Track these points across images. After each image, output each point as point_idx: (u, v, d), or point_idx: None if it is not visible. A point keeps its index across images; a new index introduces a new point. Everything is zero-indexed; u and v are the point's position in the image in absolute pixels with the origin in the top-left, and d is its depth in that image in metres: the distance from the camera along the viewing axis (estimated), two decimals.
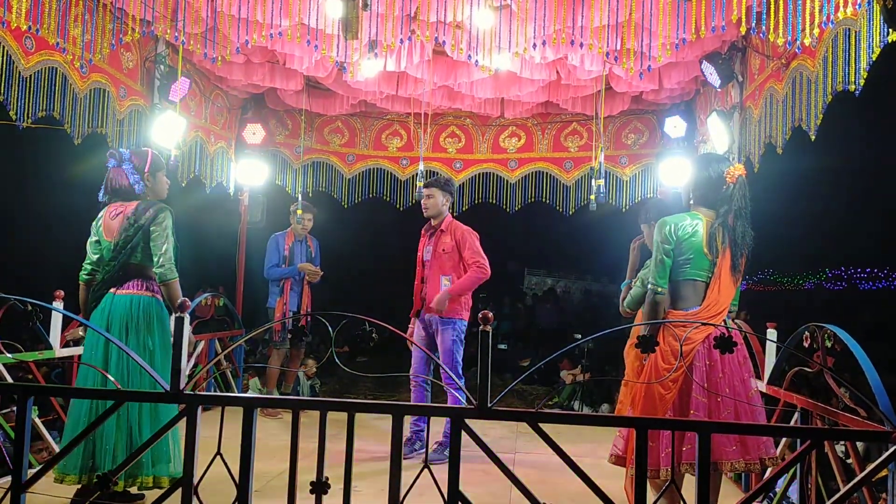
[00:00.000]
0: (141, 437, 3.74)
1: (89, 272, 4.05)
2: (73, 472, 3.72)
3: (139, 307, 3.89)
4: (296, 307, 6.82)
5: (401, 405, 2.42)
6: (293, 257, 6.88)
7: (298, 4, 5.01)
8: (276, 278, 6.83)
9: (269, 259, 6.87)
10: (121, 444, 3.73)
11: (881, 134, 31.06)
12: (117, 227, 3.95)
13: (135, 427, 3.76)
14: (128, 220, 3.92)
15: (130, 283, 3.93)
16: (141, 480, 3.76)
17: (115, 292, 3.92)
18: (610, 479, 2.84)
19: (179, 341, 2.42)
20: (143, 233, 3.90)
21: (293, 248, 6.93)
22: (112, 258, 3.93)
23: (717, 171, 3.50)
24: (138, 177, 4.02)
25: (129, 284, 3.93)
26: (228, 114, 7.55)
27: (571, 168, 7.95)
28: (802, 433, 2.91)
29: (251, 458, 2.39)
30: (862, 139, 31.32)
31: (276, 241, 6.94)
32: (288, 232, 7.01)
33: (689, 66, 6.12)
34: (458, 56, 5.60)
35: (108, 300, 3.91)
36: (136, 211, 3.93)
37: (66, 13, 4.73)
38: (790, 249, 39.65)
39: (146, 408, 3.80)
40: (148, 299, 3.94)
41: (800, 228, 38.02)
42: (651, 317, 3.42)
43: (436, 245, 5.42)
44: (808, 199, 36.83)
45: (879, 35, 3.50)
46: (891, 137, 30.85)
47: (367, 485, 4.34)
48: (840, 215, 41.89)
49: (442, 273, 5.33)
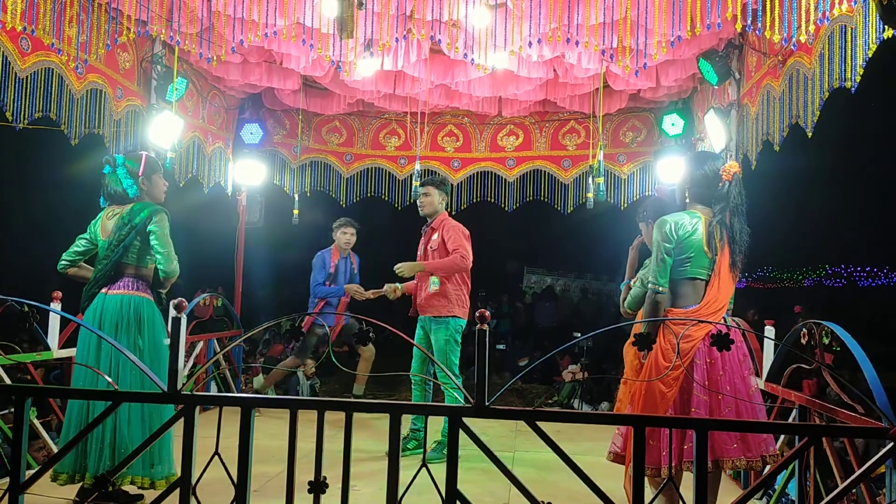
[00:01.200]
0: (130, 436, 3.76)
1: (68, 263, 4.06)
2: (66, 471, 3.76)
3: (130, 307, 3.90)
4: (331, 323, 6.84)
5: (398, 404, 2.42)
6: (338, 274, 6.87)
7: (294, 4, 5.00)
8: (323, 297, 6.79)
9: (316, 277, 6.85)
10: (107, 443, 3.75)
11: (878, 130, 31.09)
12: (112, 226, 3.98)
13: (123, 426, 3.77)
14: (122, 219, 3.95)
15: (122, 282, 3.95)
16: (132, 480, 3.79)
17: (107, 292, 3.93)
18: (609, 477, 2.84)
19: (177, 341, 2.42)
20: (138, 233, 3.93)
21: (339, 264, 6.91)
22: (104, 257, 3.94)
23: (713, 169, 3.50)
24: (132, 181, 4.05)
25: (120, 284, 3.94)
26: (226, 114, 7.55)
27: (570, 166, 7.95)
28: (801, 430, 2.92)
29: (249, 458, 2.39)
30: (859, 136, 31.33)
31: (322, 258, 6.92)
32: (333, 248, 6.98)
33: (687, 64, 6.12)
34: (455, 55, 5.60)
35: (99, 300, 3.93)
36: (131, 211, 3.96)
37: (62, 14, 4.72)
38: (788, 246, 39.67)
39: (135, 408, 3.82)
40: (139, 299, 3.95)
41: (798, 226, 38.03)
42: (651, 316, 3.42)
43: (426, 243, 5.43)
44: (805, 196, 36.83)
45: (875, 31, 3.50)
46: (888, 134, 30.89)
47: (365, 484, 4.34)
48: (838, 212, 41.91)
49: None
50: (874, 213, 39.21)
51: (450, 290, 5.30)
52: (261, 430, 2.57)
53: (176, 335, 2.42)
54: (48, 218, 14.59)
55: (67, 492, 3.84)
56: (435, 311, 5.28)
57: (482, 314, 2.32)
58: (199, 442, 2.42)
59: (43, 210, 14.88)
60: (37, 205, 15.17)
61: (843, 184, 39.86)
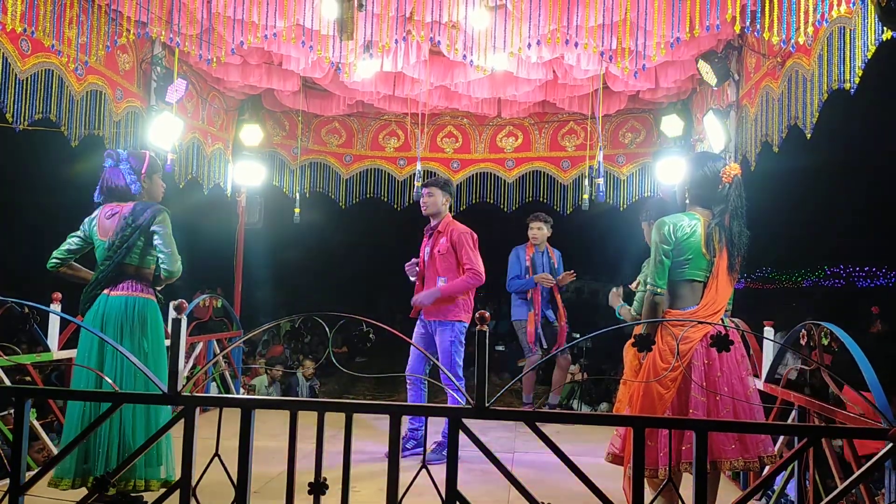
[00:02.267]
0: (134, 438, 3.73)
1: (59, 261, 3.99)
2: (67, 476, 3.69)
3: (134, 308, 3.85)
4: (543, 316, 6.90)
5: (398, 405, 2.42)
6: (535, 268, 6.95)
7: (294, 5, 5.01)
8: (516, 290, 6.93)
9: (511, 271, 6.99)
10: (113, 447, 3.71)
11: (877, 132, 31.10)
12: (112, 226, 3.90)
13: (128, 429, 3.74)
14: (125, 219, 3.88)
15: (124, 283, 3.89)
16: (134, 483, 3.74)
17: (109, 293, 3.87)
18: (608, 478, 2.84)
19: (177, 343, 2.42)
20: (142, 233, 3.87)
21: (534, 258, 6.99)
22: (106, 258, 3.88)
23: (713, 170, 3.50)
24: (135, 177, 3.99)
25: (123, 285, 3.88)
26: (225, 115, 7.55)
27: (569, 167, 7.95)
28: (800, 431, 2.92)
29: (249, 460, 2.39)
30: (858, 137, 31.35)
31: (516, 253, 7.06)
32: (528, 243, 7.07)
33: (686, 65, 6.13)
34: (455, 56, 5.61)
35: (101, 301, 3.87)
36: (134, 211, 3.90)
37: (62, 15, 4.72)
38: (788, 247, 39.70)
39: (140, 409, 3.78)
40: (143, 300, 3.90)
41: (797, 226, 38.06)
42: (650, 317, 3.43)
43: (432, 247, 5.41)
44: (804, 197, 36.86)
45: (874, 33, 3.50)
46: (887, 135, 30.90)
47: (365, 485, 4.34)
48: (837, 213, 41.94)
49: (438, 275, 5.31)
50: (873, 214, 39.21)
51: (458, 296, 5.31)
52: (261, 431, 2.57)
53: (176, 336, 2.43)
54: (48, 219, 14.58)
55: (68, 494, 3.83)
56: (442, 315, 5.28)
57: (482, 315, 2.33)
58: (199, 443, 2.43)
59: (43, 211, 14.87)
60: (37, 206, 15.16)
61: (843, 185, 39.88)
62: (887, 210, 33.58)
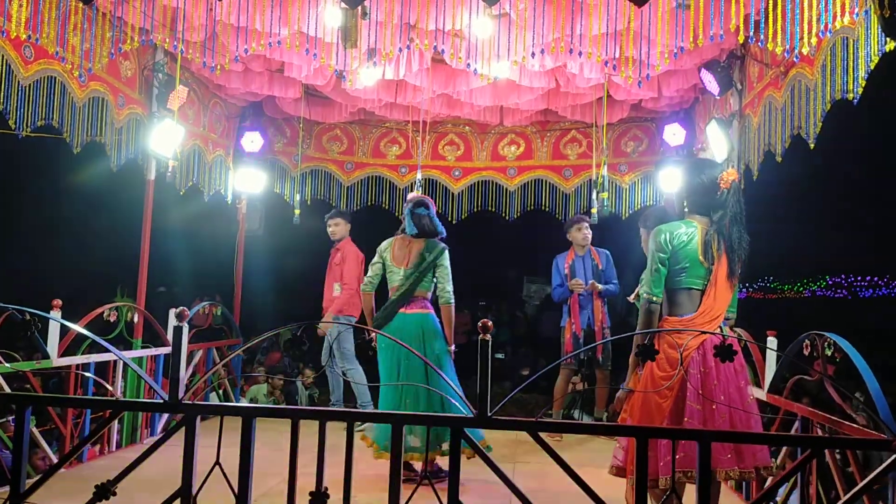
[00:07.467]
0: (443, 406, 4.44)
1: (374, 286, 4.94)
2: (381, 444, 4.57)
3: (427, 322, 4.79)
4: (585, 325, 6.65)
5: (401, 414, 2.41)
6: (573, 274, 6.72)
7: (297, 13, 5.02)
8: (557, 299, 6.81)
9: (553, 281, 6.84)
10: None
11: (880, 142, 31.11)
12: (409, 258, 4.82)
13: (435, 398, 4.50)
14: (421, 255, 4.80)
15: (415, 303, 4.80)
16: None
17: (405, 311, 4.77)
18: (610, 488, 2.83)
19: (178, 351, 2.42)
20: (431, 266, 4.79)
21: (573, 265, 6.76)
22: (402, 284, 4.80)
23: (710, 177, 3.49)
24: (439, 222, 4.93)
25: (413, 305, 4.79)
26: (227, 122, 7.56)
27: (571, 176, 7.95)
28: (802, 442, 2.91)
29: (250, 468, 2.38)
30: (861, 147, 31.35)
31: (556, 262, 6.86)
32: (570, 250, 6.86)
33: (688, 74, 6.13)
34: (457, 64, 5.61)
35: (400, 318, 4.77)
36: (427, 247, 4.81)
37: (66, 22, 4.73)
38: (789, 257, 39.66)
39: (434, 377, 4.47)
40: (431, 316, 4.83)
41: (799, 236, 38.04)
42: (645, 326, 3.41)
43: None
44: (807, 206, 36.87)
45: (877, 44, 3.50)
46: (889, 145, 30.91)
47: (366, 495, 4.32)
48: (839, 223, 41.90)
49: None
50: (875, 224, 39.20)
51: None
52: (261, 440, 2.56)
53: (177, 344, 2.42)
54: (50, 225, 14.59)
55: (67, 500, 3.80)
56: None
57: (484, 324, 2.32)
58: (199, 451, 2.41)
59: (45, 217, 14.87)
60: (39, 212, 15.15)
61: (845, 195, 39.88)
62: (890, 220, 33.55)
